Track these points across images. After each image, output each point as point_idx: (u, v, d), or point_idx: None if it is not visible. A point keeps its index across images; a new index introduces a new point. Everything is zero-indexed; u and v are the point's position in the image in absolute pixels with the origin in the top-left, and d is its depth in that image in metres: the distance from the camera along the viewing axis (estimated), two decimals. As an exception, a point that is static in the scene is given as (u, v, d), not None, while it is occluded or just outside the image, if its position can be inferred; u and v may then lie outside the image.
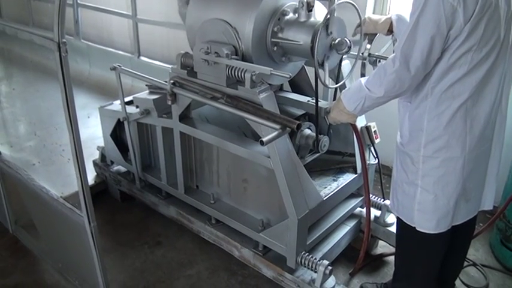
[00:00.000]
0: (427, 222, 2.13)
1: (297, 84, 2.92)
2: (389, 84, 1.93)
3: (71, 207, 2.36)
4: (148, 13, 5.32)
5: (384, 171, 3.10)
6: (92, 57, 6.23)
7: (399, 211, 2.25)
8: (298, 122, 2.10)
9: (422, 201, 2.11)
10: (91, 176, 3.74)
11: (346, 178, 2.80)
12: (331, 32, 2.33)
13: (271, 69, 2.19)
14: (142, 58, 5.44)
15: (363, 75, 2.59)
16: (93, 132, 4.13)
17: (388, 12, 3.78)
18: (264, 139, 2.02)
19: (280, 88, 2.91)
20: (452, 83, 1.89)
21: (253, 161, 2.49)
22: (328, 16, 2.24)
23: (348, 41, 2.37)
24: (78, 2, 6.12)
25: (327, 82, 2.36)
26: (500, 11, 1.83)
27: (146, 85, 3.06)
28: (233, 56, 2.36)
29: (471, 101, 1.92)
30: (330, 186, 2.71)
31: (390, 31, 2.47)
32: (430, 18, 1.76)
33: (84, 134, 2.06)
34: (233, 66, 2.35)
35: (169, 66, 4.77)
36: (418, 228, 2.16)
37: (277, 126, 2.13)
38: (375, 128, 2.80)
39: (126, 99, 3.15)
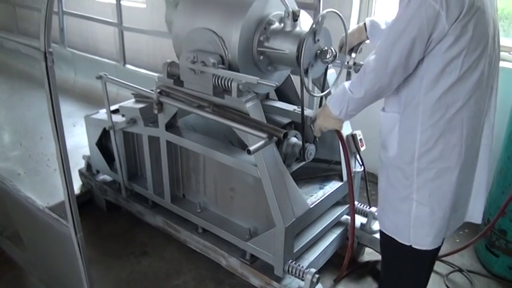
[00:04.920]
0: (424, 238, 2.06)
1: (283, 92, 2.93)
2: (369, 83, 1.92)
3: (56, 217, 2.33)
4: (134, 21, 5.31)
5: (369, 178, 3.12)
6: (77, 65, 6.20)
7: (392, 231, 2.16)
8: (284, 131, 2.12)
9: (419, 216, 2.04)
10: (77, 185, 3.71)
11: (332, 186, 2.82)
12: (318, 40, 2.35)
13: (258, 78, 2.20)
14: (128, 66, 5.42)
15: (348, 84, 2.61)
16: (79, 141, 4.10)
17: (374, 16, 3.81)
18: (251, 148, 2.03)
19: (267, 97, 2.92)
20: (444, 91, 1.86)
21: (240, 170, 2.49)
22: (314, 26, 2.26)
23: (333, 50, 2.39)
24: (64, 9, 6.09)
25: (310, 89, 2.37)
26: (487, 16, 1.83)
27: (132, 94, 3.05)
28: (219, 65, 2.37)
29: (466, 108, 1.90)
30: (316, 194, 2.72)
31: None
32: (411, 19, 1.76)
33: (69, 143, 2.04)
34: (220, 76, 2.36)
35: (155, 74, 4.81)
36: (414, 246, 2.08)
37: (264, 135, 2.14)
38: (361, 136, 2.82)
39: (112, 107, 3.14)
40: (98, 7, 6.12)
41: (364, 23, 2.45)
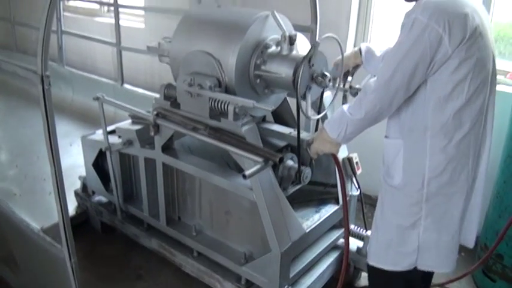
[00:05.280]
0: (430, 261, 2.07)
1: (280, 115, 2.93)
2: (370, 104, 1.92)
3: (51, 241, 2.32)
4: (133, 41, 5.33)
5: (366, 200, 3.11)
6: (75, 84, 6.21)
7: (397, 263, 2.12)
8: (280, 155, 2.11)
9: (426, 241, 2.04)
10: (72, 206, 3.68)
11: (328, 210, 2.81)
12: (313, 64, 2.36)
13: (254, 102, 2.21)
14: (126, 86, 5.43)
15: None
16: (75, 161, 4.07)
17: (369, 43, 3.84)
18: (247, 173, 2.03)
19: (263, 119, 2.92)
20: (453, 114, 1.88)
21: (235, 193, 2.48)
22: (310, 52, 2.27)
23: (328, 74, 2.40)
24: (63, 29, 6.12)
25: (309, 114, 2.38)
26: (487, 41, 1.87)
27: (129, 115, 3.05)
28: (216, 88, 2.38)
29: (472, 132, 1.93)
30: (312, 218, 2.71)
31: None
32: (415, 43, 1.79)
33: (66, 163, 2.05)
34: (216, 99, 2.37)
35: (153, 94, 4.82)
36: (419, 268, 2.08)
37: (260, 159, 2.14)
38: (357, 159, 2.82)
39: (109, 128, 3.13)
40: (97, 26, 6.15)
41: (360, 48, 2.47)
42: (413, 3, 1.92)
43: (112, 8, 5.43)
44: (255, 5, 3.93)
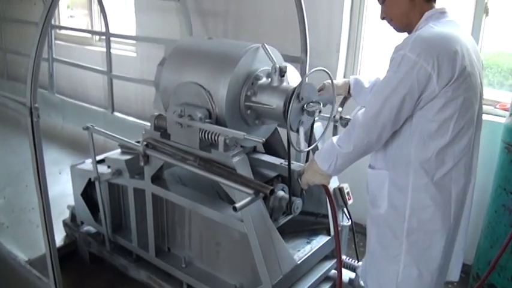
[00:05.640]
0: None
1: (270, 145, 2.93)
2: (358, 138, 1.92)
3: (38, 275, 2.28)
4: (124, 69, 5.36)
5: (357, 229, 3.10)
6: (65, 111, 6.20)
7: None
8: (271, 187, 2.10)
9: (406, 279, 2.01)
10: (60, 236, 3.63)
11: (320, 240, 2.78)
12: (302, 98, 2.37)
13: (245, 134, 2.21)
14: (116, 114, 5.43)
15: (335, 137, 2.62)
16: (64, 189, 4.02)
17: (359, 74, 3.88)
18: (237, 205, 2.01)
19: (254, 149, 2.92)
20: (435, 153, 1.88)
21: (226, 225, 2.46)
22: (299, 86, 2.28)
23: (319, 104, 2.41)
24: (54, 56, 6.14)
25: (302, 146, 2.38)
26: (476, 80, 1.88)
27: (119, 145, 3.04)
28: (206, 120, 2.38)
29: (456, 170, 1.92)
30: (303, 249, 2.68)
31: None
32: (403, 79, 1.79)
33: (55, 191, 2.03)
34: (206, 130, 2.36)
35: (143, 122, 4.81)
36: None
37: (251, 191, 2.12)
38: (348, 189, 2.81)
39: (99, 157, 3.11)
40: (88, 55, 6.17)
41: (349, 81, 2.49)
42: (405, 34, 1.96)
43: (104, 37, 5.47)
44: (246, 36, 3.99)
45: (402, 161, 1.96)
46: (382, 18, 2.09)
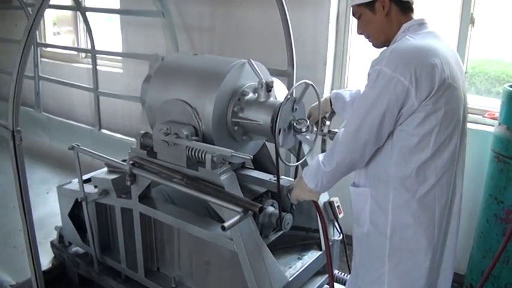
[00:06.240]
0: None
1: (259, 160, 2.90)
2: (340, 156, 1.89)
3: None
4: (111, 85, 5.32)
5: (349, 242, 3.06)
6: (52, 129, 6.13)
7: None
8: (260, 205, 2.08)
9: None
10: (48, 258, 3.57)
11: (311, 256, 2.74)
12: (296, 109, 2.35)
13: (232, 151, 2.18)
14: (104, 131, 5.38)
15: (323, 151, 2.60)
16: (52, 210, 3.95)
17: (346, 86, 3.88)
18: (226, 224, 1.98)
19: (242, 165, 2.89)
20: (416, 168, 1.83)
21: (215, 243, 2.42)
22: (286, 99, 2.26)
23: (307, 121, 2.39)
24: (40, 74, 6.09)
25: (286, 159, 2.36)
26: (458, 92, 1.83)
27: (105, 163, 2.99)
28: (193, 137, 2.35)
29: (438, 186, 1.86)
30: (295, 266, 2.64)
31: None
32: (380, 94, 1.75)
33: (42, 212, 1.98)
34: (193, 148, 2.33)
35: (131, 139, 4.76)
36: None
37: (239, 209, 2.09)
38: (338, 203, 2.78)
39: (85, 176, 3.06)
40: (75, 72, 6.12)
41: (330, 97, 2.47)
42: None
43: (90, 54, 5.43)
44: (232, 51, 3.98)
45: (382, 178, 1.91)
46: (359, 33, 2.06)
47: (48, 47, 6.73)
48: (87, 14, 5.26)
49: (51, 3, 5.12)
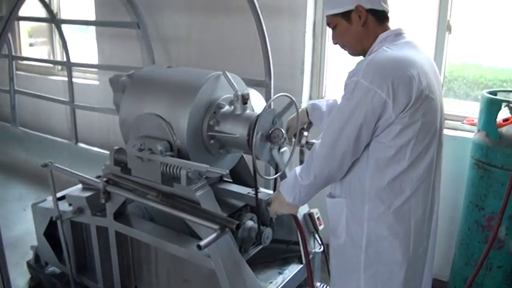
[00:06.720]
0: None
1: (238, 173, 2.85)
2: (317, 169, 1.85)
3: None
4: (87, 98, 5.23)
5: (330, 252, 3.02)
6: (29, 144, 6.00)
7: None
8: (237, 222, 2.03)
9: None
10: (25, 279, 3.47)
11: (292, 270, 2.70)
12: (275, 122, 2.32)
13: (207, 166, 2.13)
14: (80, 144, 5.28)
15: (301, 162, 2.55)
16: (29, 228, 3.82)
17: (325, 94, 3.85)
18: (202, 243, 1.92)
19: (220, 178, 2.84)
20: (391, 180, 1.80)
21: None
22: (266, 109, 2.21)
23: (283, 132, 2.35)
24: (16, 88, 5.97)
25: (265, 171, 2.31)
26: (435, 103, 1.81)
27: (79, 181, 2.91)
28: (167, 153, 2.29)
29: (414, 198, 1.84)
30: (275, 281, 2.60)
31: None
32: (357, 106, 1.72)
33: (18, 230, 1.89)
34: (168, 163, 2.27)
35: (108, 152, 4.67)
36: None
37: (216, 227, 2.04)
38: (318, 215, 2.75)
39: (61, 193, 2.98)
40: (51, 84, 6.01)
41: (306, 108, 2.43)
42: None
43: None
44: (210, 62, 3.94)
45: (357, 190, 1.89)
46: (335, 43, 2.03)
47: (23, 60, 6.61)
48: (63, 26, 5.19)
49: (25, 15, 5.00)
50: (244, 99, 2.36)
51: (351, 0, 1.85)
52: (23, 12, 6.32)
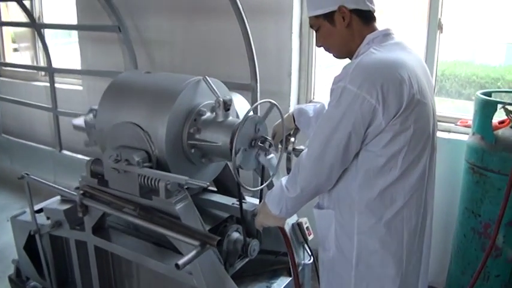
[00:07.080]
0: None
1: (222, 182, 2.73)
2: (304, 182, 1.75)
3: None
4: (71, 103, 5.10)
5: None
6: (13, 152, 5.87)
7: None
8: (218, 238, 1.91)
9: None
10: (7, 294, 3.33)
11: (281, 283, 2.57)
12: (258, 129, 2.20)
13: (187, 178, 2.01)
14: (65, 152, 5.15)
15: (288, 169, 2.44)
16: (12, 239, 3.72)
17: (313, 97, 3.75)
18: (180, 262, 1.80)
19: (204, 188, 2.70)
20: (382, 190, 1.70)
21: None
22: (249, 115, 2.09)
23: (267, 139, 2.23)
24: (-1, 95, 5.85)
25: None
26: (427, 108, 1.70)
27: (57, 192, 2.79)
28: (145, 164, 2.16)
29: (406, 209, 1.73)
30: (263, 296, 2.48)
31: None
32: (345, 114, 1.62)
33: (1, 242, 1.76)
34: (146, 175, 2.14)
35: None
36: None
37: (196, 243, 1.91)
38: (307, 224, 2.63)
39: (39, 206, 2.86)
40: (35, 91, 5.88)
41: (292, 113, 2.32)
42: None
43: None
44: (194, 66, 3.83)
45: (346, 201, 1.78)
46: (319, 46, 1.91)
47: (4, 66, 6.47)
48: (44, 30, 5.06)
49: (6, 20, 4.87)
50: (226, 106, 2.23)
51: (334, 0, 1.73)
52: (5, 17, 6.23)
